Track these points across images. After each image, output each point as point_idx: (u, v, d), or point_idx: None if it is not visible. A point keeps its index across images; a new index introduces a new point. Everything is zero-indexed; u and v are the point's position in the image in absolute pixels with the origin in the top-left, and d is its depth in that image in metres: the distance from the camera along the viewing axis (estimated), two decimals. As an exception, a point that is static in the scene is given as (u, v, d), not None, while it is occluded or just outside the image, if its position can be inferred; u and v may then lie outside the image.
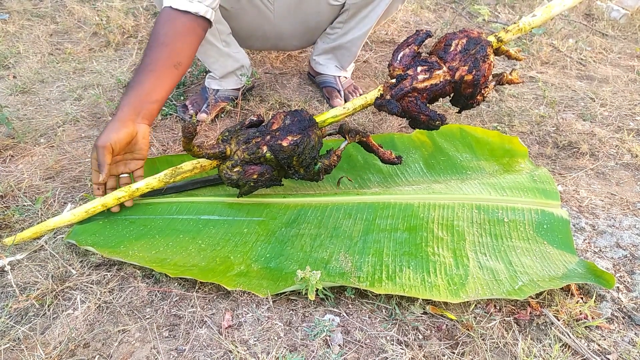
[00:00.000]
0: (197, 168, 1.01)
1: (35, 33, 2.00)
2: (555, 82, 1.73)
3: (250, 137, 0.98)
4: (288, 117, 0.99)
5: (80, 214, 0.99)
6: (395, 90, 0.97)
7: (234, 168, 0.97)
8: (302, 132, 0.96)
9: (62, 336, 0.82)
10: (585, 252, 1.02)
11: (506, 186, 1.11)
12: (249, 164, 0.97)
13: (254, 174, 0.97)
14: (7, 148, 1.30)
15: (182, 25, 1.07)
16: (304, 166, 0.98)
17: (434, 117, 0.98)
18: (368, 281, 0.88)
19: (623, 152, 1.33)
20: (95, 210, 1.00)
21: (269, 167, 0.97)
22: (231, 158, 0.97)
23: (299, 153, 0.96)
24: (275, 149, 0.95)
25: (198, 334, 0.83)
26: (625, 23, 2.25)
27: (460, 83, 0.97)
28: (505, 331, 0.84)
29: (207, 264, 0.94)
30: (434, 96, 0.99)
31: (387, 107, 0.98)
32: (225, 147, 0.97)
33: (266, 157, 0.96)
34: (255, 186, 1.00)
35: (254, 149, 0.96)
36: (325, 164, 1.01)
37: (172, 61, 1.04)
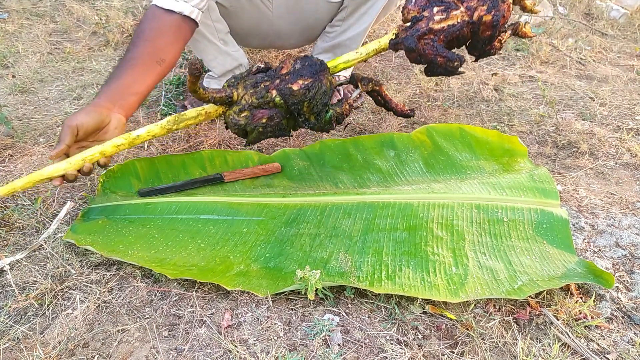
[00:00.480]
0: (202, 115, 0.96)
1: (34, 32, 2.00)
2: (554, 81, 1.73)
3: (258, 81, 0.92)
4: (298, 62, 0.94)
5: (77, 162, 0.92)
6: (411, 31, 0.92)
7: (242, 113, 0.92)
8: (314, 76, 0.91)
9: (62, 336, 0.82)
10: (584, 251, 1.02)
11: (506, 186, 1.11)
12: (258, 109, 0.91)
13: (263, 118, 0.91)
14: (6, 147, 1.30)
15: (167, 24, 1.06)
16: (314, 113, 0.93)
17: (452, 57, 0.93)
18: (367, 281, 0.88)
19: (622, 151, 1.33)
20: (92, 157, 0.93)
21: (278, 110, 0.92)
22: (238, 103, 0.92)
23: (310, 98, 0.91)
24: (285, 93, 0.90)
25: (197, 333, 0.83)
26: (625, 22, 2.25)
27: (478, 24, 0.93)
28: (505, 331, 0.84)
29: (206, 264, 0.94)
30: (451, 39, 0.95)
31: (403, 44, 0.93)
32: (232, 91, 0.92)
33: (275, 101, 0.91)
34: (264, 132, 0.94)
35: (263, 93, 0.91)
36: (337, 112, 0.96)
37: (155, 57, 1.03)
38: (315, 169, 1.21)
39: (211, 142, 1.34)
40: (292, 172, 1.21)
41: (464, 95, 1.62)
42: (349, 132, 1.43)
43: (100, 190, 1.15)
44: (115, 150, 0.94)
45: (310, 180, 1.18)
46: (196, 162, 1.21)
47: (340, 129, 1.44)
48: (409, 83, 1.69)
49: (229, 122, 0.95)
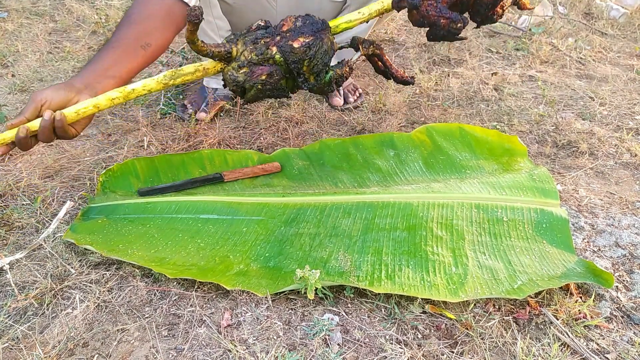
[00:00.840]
0: (200, 71, 0.93)
1: (34, 31, 2.00)
2: (554, 81, 1.73)
3: (258, 38, 0.90)
4: (299, 19, 0.92)
5: (70, 114, 0.89)
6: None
7: (241, 69, 0.90)
8: (315, 34, 0.90)
9: (61, 335, 0.82)
10: (584, 251, 1.02)
11: (505, 185, 1.11)
12: (257, 65, 0.89)
13: (262, 74, 0.89)
14: (6, 147, 1.30)
15: (157, 7, 1.02)
16: (314, 73, 0.91)
17: (456, 18, 0.92)
18: (367, 280, 0.88)
19: (622, 151, 1.33)
20: (86, 111, 0.89)
21: (278, 68, 0.90)
22: (237, 59, 0.90)
23: (310, 56, 0.89)
24: (285, 50, 0.88)
25: (197, 333, 0.83)
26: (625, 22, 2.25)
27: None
28: (504, 330, 0.84)
29: (206, 263, 0.94)
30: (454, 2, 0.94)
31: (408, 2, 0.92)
32: (231, 47, 0.90)
33: (275, 59, 0.89)
34: (263, 90, 0.92)
35: (263, 50, 0.89)
36: (337, 74, 0.94)
37: (139, 41, 0.99)
38: (315, 169, 1.21)
39: (211, 141, 1.34)
40: (292, 171, 1.21)
41: (464, 94, 1.62)
42: (349, 132, 1.43)
43: (99, 189, 1.15)
44: (110, 104, 0.91)
45: (310, 180, 1.18)
46: (196, 161, 1.21)
47: (340, 129, 1.44)
48: (408, 82, 1.69)
49: (227, 79, 0.92)
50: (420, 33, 2.10)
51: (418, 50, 1.94)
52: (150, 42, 1.00)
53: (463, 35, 0.98)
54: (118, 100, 0.90)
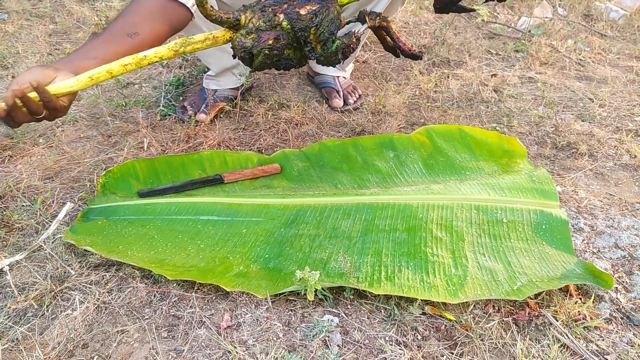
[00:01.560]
0: (210, 39, 0.94)
1: (34, 33, 2.00)
2: (554, 82, 1.73)
3: (266, 6, 0.92)
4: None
5: (84, 79, 0.89)
6: None
7: (249, 35, 0.91)
8: (321, 2, 0.91)
9: (61, 337, 0.82)
10: (584, 252, 1.02)
11: (505, 187, 1.11)
12: (264, 31, 0.91)
13: (269, 39, 0.91)
14: (6, 148, 1.30)
15: (151, 4, 1.02)
16: (321, 42, 0.93)
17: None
18: (367, 281, 0.88)
19: (622, 152, 1.33)
20: (99, 76, 0.89)
21: (285, 32, 0.91)
22: (245, 26, 0.92)
23: (317, 24, 0.90)
24: (292, 17, 0.90)
25: (197, 334, 0.83)
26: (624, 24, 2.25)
27: None
28: (504, 331, 0.84)
29: (206, 265, 0.94)
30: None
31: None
32: (239, 14, 0.92)
33: (282, 25, 0.91)
34: (270, 55, 0.93)
35: (270, 16, 0.91)
36: (344, 44, 0.95)
37: (126, 30, 0.98)
38: (314, 170, 1.21)
39: (211, 142, 1.35)
40: (292, 173, 1.21)
41: (464, 96, 1.62)
42: (349, 133, 1.43)
43: (99, 191, 1.15)
44: (123, 70, 0.90)
45: (309, 181, 1.18)
46: (196, 163, 1.21)
47: (339, 130, 1.44)
48: (408, 84, 1.69)
49: (235, 45, 0.93)
50: (419, 35, 2.10)
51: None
52: (137, 31, 0.99)
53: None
54: (130, 67, 0.90)
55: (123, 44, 0.97)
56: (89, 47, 0.96)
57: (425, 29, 2.16)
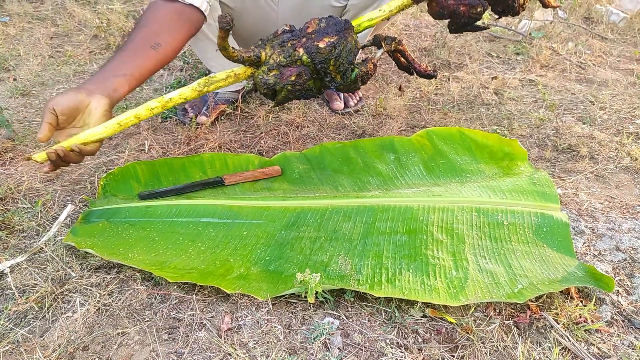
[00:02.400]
0: (231, 77, 0.97)
1: (35, 36, 2.00)
2: (554, 85, 1.73)
3: (285, 41, 0.94)
4: (323, 21, 0.96)
5: (112, 126, 0.92)
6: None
7: (271, 72, 0.93)
8: (339, 33, 0.93)
9: (62, 339, 0.82)
10: (584, 255, 1.02)
11: (506, 189, 1.11)
12: (286, 67, 0.93)
13: (292, 75, 0.93)
14: (7, 150, 1.30)
15: (167, 11, 1.03)
16: (341, 72, 0.95)
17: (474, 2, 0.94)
18: (368, 284, 0.88)
19: (622, 155, 1.33)
20: (127, 122, 0.93)
21: (306, 67, 0.93)
22: (266, 63, 0.94)
23: (336, 55, 0.92)
24: (311, 51, 0.92)
25: (197, 336, 0.83)
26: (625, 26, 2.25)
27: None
28: (505, 334, 0.84)
29: (206, 267, 0.94)
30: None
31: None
32: (259, 51, 0.94)
33: (303, 60, 0.92)
34: (293, 91, 0.95)
35: (290, 52, 0.92)
36: (363, 71, 0.97)
37: (149, 41, 0.99)
38: (315, 173, 1.21)
39: (212, 145, 1.35)
40: (293, 175, 1.21)
41: (464, 98, 1.62)
42: (349, 136, 1.43)
43: (100, 193, 1.15)
44: (149, 114, 0.93)
45: (310, 184, 1.19)
46: (196, 165, 1.21)
47: (340, 133, 1.44)
48: (409, 87, 1.69)
49: (258, 82, 0.95)
50: (420, 37, 2.10)
51: (419, 55, 1.95)
52: (160, 42, 1.01)
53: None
54: (157, 110, 0.94)
55: (148, 56, 1.00)
56: (116, 63, 0.98)
57: (426, 32, 2.17)
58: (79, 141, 0.92)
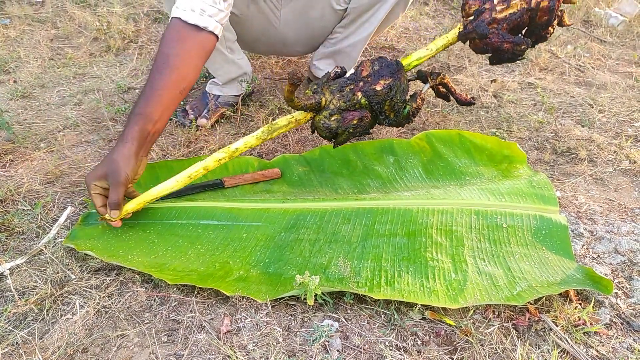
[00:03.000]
0: (292, 123, 1.01)
1: (36, 38, 2.01)
2: (553, 88, 1.74)
3: (343, 85, 0.98)
4: (376, 63, 1.00)
5: (183, 179, 0.98)
6: (477, 22, 1.00)
7: (332, 117, 0.98)
8: (393, 75, 0.98)
9: (61, 341, 0.82)
10: (583, 257, 1.02)
11: (505, 192, 1.11)
12: (347, 111, 0.98)
13: (354, 119, 0.98)
14: (7, 152, 1.30)
15: (192, 45, 1.03)
16: (395, 110, 1.00)
17: (519, 41, 1.00)
18: (367, 286, 0.88)
19: (621, 158, 1.33)
20: (197, 174, 0.98)
21: (366, 111, 0.99)
22: (327, 108, 0.98)
23: (392, 96, 0.97)
24: (369, 94, 0.97)
25: (197, 339, 0.83)
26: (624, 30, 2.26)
27: (536, 10, 1.01)
28: (504, 337, 0.84)
29: (206, 269, 0.94)
30: (512, 26, 1.01)
31: (475, 32, 1.00)
32: (320, 97, 0.97)
33: (361, 102, 0.97)
34: (354, 133, 1.01)
35: (350, 96, 0.97)
36: (413, 107, 1.03)
37: (179, 87, 1.01)
38: (315, 175, 1.21)
39: (211, 147, 1.35)
40: (292, 177, 1.21)
41: (464, 101, 1.63)
42: (349, 138, 1.43)
43: (100, 195, 1.15)
44: (217, 164, 0.99)
45: (309, 186, 1.19)
46: (196, 167, 1.21)
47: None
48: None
49: (320, 126, 0.99)
50: (419, 40, 2.11)
51: (418, 57, 1.95)
52: (186, 86, 1.03)
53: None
54: (224, 160, 1.00)
55: (175, 104, 1.03)
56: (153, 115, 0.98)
57: (426, 35, 2.17)
58: (152, 198, 0.99)
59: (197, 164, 0.98)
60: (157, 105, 0.99)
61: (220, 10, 1.04)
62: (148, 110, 0.98)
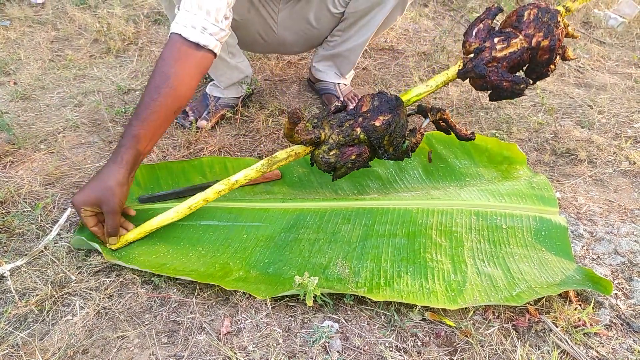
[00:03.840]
0: (292, 156, 1.02)
1: (36, 40, 2.01)
2: (553, 89, 1.74)
3: (343, 121, 0.99)
4: (376, 99, 1.01)
5: (183, 210, 0.99)
6: (476, 61, 1.00)
7: (331, 151, 0.98)
8: (392, 111, 0.98)
9: (61, 342, 0.82)
10: (583, 258, 1.02)
11: (504, 193, 1.12)
12: (345, 146, 0.99)
13: (352, 154, 0.99)
14: (7, 154, 1.30)
15: (191, 64, 1.01)
16: (393, 145, 1.00)
17: (518, 81, 0.99)
18: (366, 287, 0.88)
19: (621, 159, 1.33)
20: (197, 205, 0.99)
21: (365, 146, 0.99)
22: (326, 142, 0.99)
23: (390, 132, 0.98)
24: (368, 130, 0.97)
25: (197, 340, 0.83)
26: (623, 31, 2.26)
27: (537, 49, 1.00)
28: (504, 338, 0.84)
29: (206, 269, 0.94)
30: (512, 64, 1.01)
31: (474, 71, 1.00)
32: (319, 132, 0.98)
33: (360, 138, 0.98)
34: (352, 167, 1.01)
35: (349, 132, 0.97)
36: (413, 142, 1.04)
37: (174, 107, 1.00)
38: (315, 176, 1.22)
39: (211, 149, 1.35)
40: (292, 179, 1.21)
41: (463, 102, 1.63)
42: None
43: (100, 196, 1.15)
44: (217, 196, 1.00)
45: (310, 187, 1.19)
46: (196, 168, 1.22)
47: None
48: (408, 91, 1.70)
49: (318, 161, 1.00)
50: (419, 42, 2.11)
51: (418, 59, 1.95)
52: (181, 106, 1.02)
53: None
54: (224, 192, 1.01)
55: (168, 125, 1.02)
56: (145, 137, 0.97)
57: (425, 36, 2.18)
58: (152, 228, 0.99)
59: (197, 195, 0.99)
60: (152, 126, 0.97)
61: (221, 29, 1.03)
62: (142, 133, 0.96)
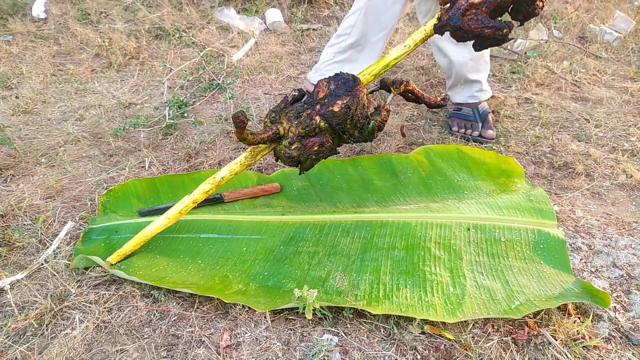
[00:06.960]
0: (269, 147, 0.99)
1: (38, 54, 2.03)
2: (550, 103, 1.75)
3: (300, 111, 0.95)
4: (332, 82, 0.96)
5: (174, 215, 0.98)
6: (453, 10, 0.93)
7: (292, 145, 0.94)
8: (350, 92, 0.94)
9: (60, 356, 0.81)
10: (581, 271, 1.02)
11: (503, 206, 1.12)
12: (306, 138, 0.94)
13: (314, 145, 0.94)
14: (8, 167, 1.31)
15: None
16: (358, 128, 0.96)
17: (500, 25, 0.93)
18: (365, 299, 0.88)
19: (618, 172, 1.34)
20: (187, 208, 0.98)
21: (327, 135, 0.95)
22: (286, 136, 0.95)
23: (352, 115, 0.93)
24: (328, 117, 0.93)
25: (196, 354, 0.83)
26: (619, 46, 2.29)
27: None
28: (504, 351, 0.84)
29: (205, 282, 0.94)
30: (493, 8, 0.94)
31: (449, 24, 0.93)
32: (277, 127, 0.95)
33: (320, 126, 0.94)
34: (317, 158, 0.97)
35: (308, 122, 0.93)
36: (378, 121, 0.99)
37: None
38: (314, 189, 1.22)
39: (211, 162, 1.36)
40: (292, 192, 1.22)
41: (461, 116, 1.64)
42: (348, 153, 1.44)
43: (100, 210, 1.16)
44: (205, 196, 0.99)
45: (309, 200, 1.19)
46: (196, 182, 1.22)
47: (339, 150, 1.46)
48: (406, 104, 1.72)
49: (281, 156, 0.97)
50: (418, 57, 2.13)
51: (416, 73, 1.97)
52: None
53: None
54: (212, 190, 0.99)
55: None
56: None
57: (423, 51, 2.20)
58: (146, 237, 0.99)
59: (186, 197, 0.98)
60: None
61: None
62: None
